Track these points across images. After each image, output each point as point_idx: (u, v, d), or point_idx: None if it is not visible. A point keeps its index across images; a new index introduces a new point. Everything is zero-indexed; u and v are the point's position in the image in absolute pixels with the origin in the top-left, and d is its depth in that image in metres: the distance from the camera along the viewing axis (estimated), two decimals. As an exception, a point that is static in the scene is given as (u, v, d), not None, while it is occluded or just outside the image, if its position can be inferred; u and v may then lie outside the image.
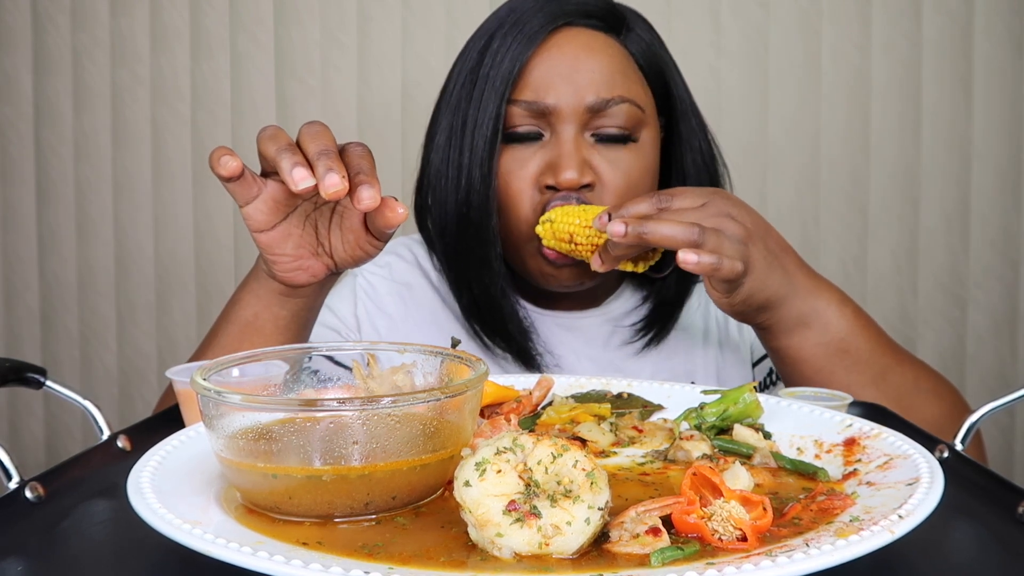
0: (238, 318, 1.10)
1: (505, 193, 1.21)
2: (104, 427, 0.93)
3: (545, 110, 1.19)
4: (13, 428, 2.30)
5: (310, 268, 1.04)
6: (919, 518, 0.61)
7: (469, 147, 1.20)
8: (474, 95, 1.20)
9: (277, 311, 1.08)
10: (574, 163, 1.17)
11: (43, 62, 2.23)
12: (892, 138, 2.05)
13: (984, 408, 0.91)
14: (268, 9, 2.15)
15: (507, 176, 1.21)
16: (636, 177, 1.21)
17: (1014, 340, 2.06)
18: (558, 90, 1.18)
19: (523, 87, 1.19)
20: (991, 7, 2.01)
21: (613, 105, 1.19)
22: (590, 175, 1.18)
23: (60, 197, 2.25)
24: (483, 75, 1.20)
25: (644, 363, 1.34)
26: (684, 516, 0.62)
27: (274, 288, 1.06)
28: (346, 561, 0.57)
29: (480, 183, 1.20)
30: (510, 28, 1.20)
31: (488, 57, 1.20)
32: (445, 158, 1.24)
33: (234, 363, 0.78)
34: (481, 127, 1.19)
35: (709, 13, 2.07)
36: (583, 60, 1.19)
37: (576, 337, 1.33)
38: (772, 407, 0.90)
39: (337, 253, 1.04)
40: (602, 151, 1.20)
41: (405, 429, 0.67)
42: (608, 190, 1.20)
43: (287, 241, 1.02)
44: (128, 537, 0.67)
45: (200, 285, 2.23)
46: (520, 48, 1.18)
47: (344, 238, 1.03)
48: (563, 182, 1.17)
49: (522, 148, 1.21)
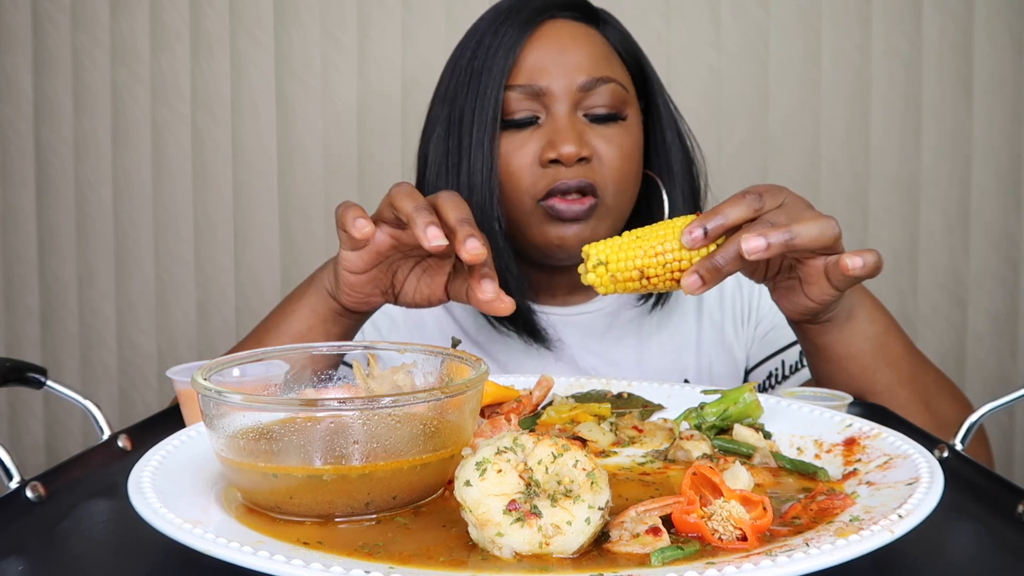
0: (291, 329, 1.16)
1: (506, 172, 1.26)
2: (104, 427, 0.93)
3: (540, 92, 1.25)
4: (13, 428, 2.30)
5: (376, 302, 1.13)
6: (919, 518, 0.61)
7: (469, 134, 1.26)
8: (471, 86, 1.27)
9: (331, 327, 1.15)
10: (572, 136, 1.23)
11: (43, 62, 2.23)
12: (892, 138, 2.05)
13: (984, 408, 0.91)
14: (268, 9, 2.15)
15: (507, 157, 1.26)
16: (628, 151, 1.28)
17: (1014, 340, 2.06)
18: (551, 73, 1.26)
19: (518, 73, 1.26)
20: (991, 7, 2.01)
21: (601, 84, 1.26)
22: (587, 148, 1.24)
23: (60, 197, 2.25)
24: (478, 67, 1.27)
25: (642, 357, 1.37)
26: (684, 516, 0.62)
27: (334, 308, 1.14)
28: (346, 561, 0.57)
29: (482, 165, 1.25)
30: (500, 24, 1.28)
31: (482, 51, 1.27)
32: (444, 150, 1.29)
33: (234, 363, 0.78)
34: (481, 113, 1.25)
35: (709, 13, 2.07)
36: (570, 46, 1.27)
37: (575, 331, 1.38)
38: (772, 407, 0.90)
39: (404, 296, 1.11)
40: (595, 129, 1.27)
41: (405, 429, 0.67)
42: (604, 163, 1.26)
43: (369, 283, 1.09)
44: (128, 537, 0.67)
45: (200, 285, 2.23)
46: (513, 39, 1.26)
47: (419, 288, 1.10)
48: (564, 155, 1.22)
49: (520, 133, 1.26)
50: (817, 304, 1.01)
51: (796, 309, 1.04)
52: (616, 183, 1.26)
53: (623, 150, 1.27)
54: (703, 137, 2.00)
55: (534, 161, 1.25)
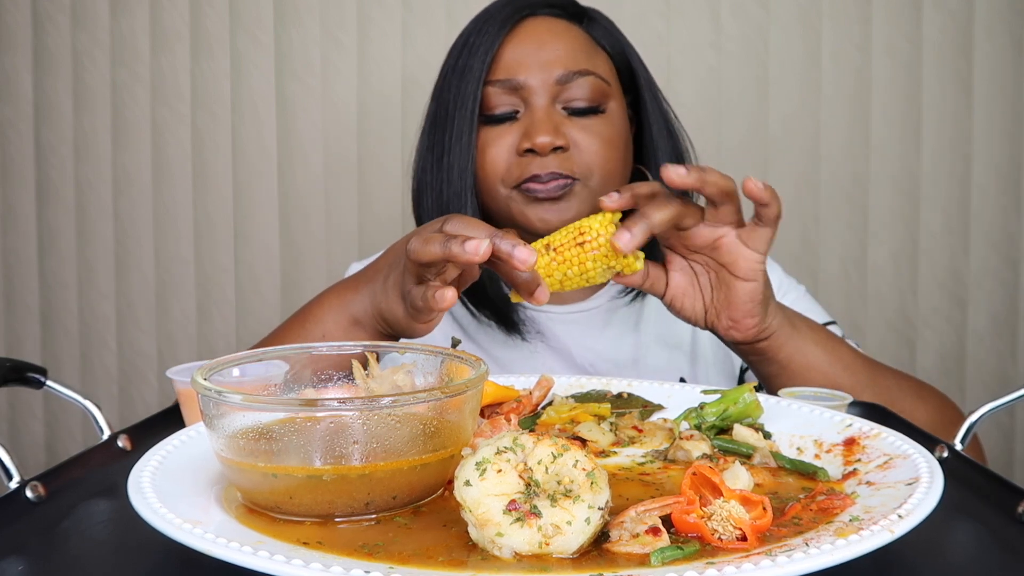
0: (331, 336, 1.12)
1: (482, 163, 1.29)
2: (104, 427, 0.93)
3: (518, 86, 1.28)
4: (13, 428, 2.30)
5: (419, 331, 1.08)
6: (919, 518, 0.61)
7: (451, 128, 1.30)
8: (454, 83, 1.31)
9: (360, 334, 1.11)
10: (548, 127, 1.26)
11: (43, 62, 2.23)
12: (892, 138, 2.05)
13: (984, 408, 0.91)
14: (268, 9, 2.15)
15: (484, 149, 1.29)
16: (607, 140, 1.29)
17: (1014, 340, 2.06)
18: (528, 67, 1.29)
19: (497, 69, 1.30)
20: (991, 7, 2.01)
21: (579, 78, 1.29)
22: (563, 139, 1.26)
23: (60, 197, 2.25)
24: (461, 65, 1.31)
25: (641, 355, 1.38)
26: (684, 516, 0.62)
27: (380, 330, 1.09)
28: (346, 561, 0.57)
29: (460, 157, 1.29)
30: (484, 24, 1.32)
31: (466, 50, 1.32)
32: (429, 144, 1.34)
33: (234, 363, 0.78)
34: (462, 109, 1.29)
35: (709, 13, 2.07)
36: (549, 41, 1.30)
37: (572, 330, 1.39)
38: (772, 407, 0.90)
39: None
40: (573, 121, 1.29)
41: (405, 429, 0.67)
42: (582, 151, 1.28)
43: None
44: (128, 537, 0.67)
45: (200, 285, 2.23)
46: (493, 36, 1.30)
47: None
48: (539, 144, 1.25)
49: (499, 127, 1.29)
50: (751, 280, 1.05)
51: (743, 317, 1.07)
52: (600, 169, 1.28)
53: (603, 138, 1.29)
54: (703, 137, 2.02)
55: (511, 152, 1.28)
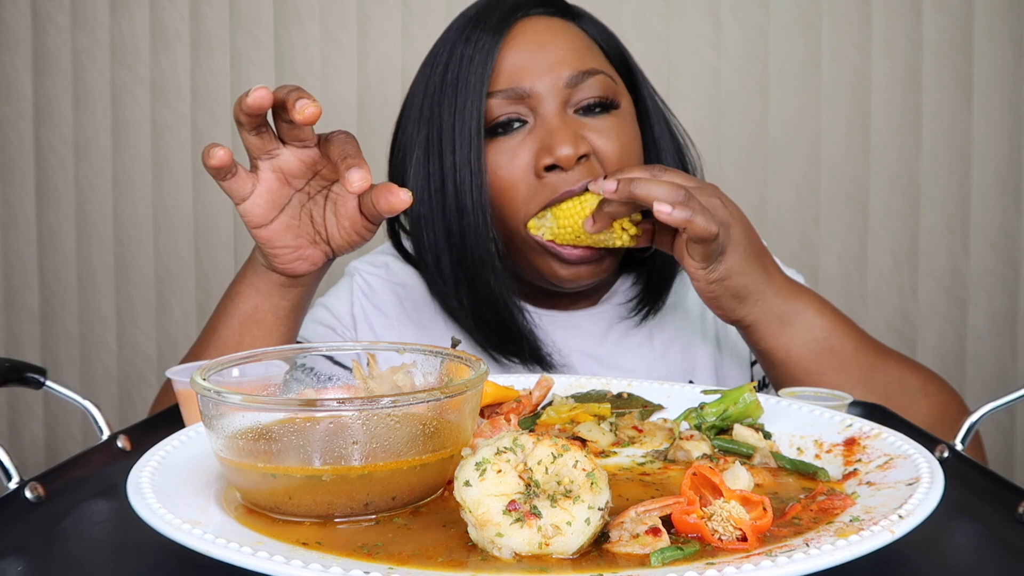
0: (238, 311, 1.10)
1: (498, 187, 1.19)
2: (104, 427, 0.93)
3: (524, 94, 1.18)
4: (13, 428, 2.30)
5: (310, 257, 1.06)
6: (919, 518, 0.61)
7: (452, 151, 1.18)
8: (448, 100, 1.19)
9: (277, 302, 1.09)
10: (567, 137, 1.16)
11: (43, 62, 2.23)
12: (892, 138, 2.05)
13: (984, 408, 0.91)
14: (268, 9, 2.15)
15: (497, 170, 1.19)
16: (627, 141, 1.22)
17: (1014, 340, 2.06)
18: (533, 73, 1.19)
19: (498, 78, 1.19)
20: (991, 7, 2.01)
21: (589, 77, 1.20)
22: (585, 146, 1.17)
23: (60, 197, 2.25)
24: (453, 79, 1.19)
25: (642, 358, 1.34)
26: (684, 516, 0.62)
27: (274, 280, 1.08)
28: (346, 561, 0.57)
29: (470, 183, 1.17)
30: (472, 31, 1.20)
31: (455, 62, 1.20)
32: (425, 173, 1.21)
33: (234, 363, 0.78)
34: (462, 128, 1.17)
35: (709, 13, 2.07)
36: (550, 42, 1.21)
37: (574, 335, 1.34)
38: (772, 407, 0.90)
39: (334, 240, 1.06)
40: (589, 123, 1.20)
41: (405, 429, 0.67)
42: (604, 157, 1.20)
43: (286, 233, 1.04)
44: (128, 537, 0.67)
45: (200, 285, 2.23)
46: (489, 43, 1.19)
47: (340, 224, 1.05)
48: (562, 158, 1.15)
49: (507, 139, 1.19)
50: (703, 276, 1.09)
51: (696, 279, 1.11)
52: None
53: (621, 141, 1.20)
54: (703, 137, 2.02)
55: (528, 171, 1.18)
